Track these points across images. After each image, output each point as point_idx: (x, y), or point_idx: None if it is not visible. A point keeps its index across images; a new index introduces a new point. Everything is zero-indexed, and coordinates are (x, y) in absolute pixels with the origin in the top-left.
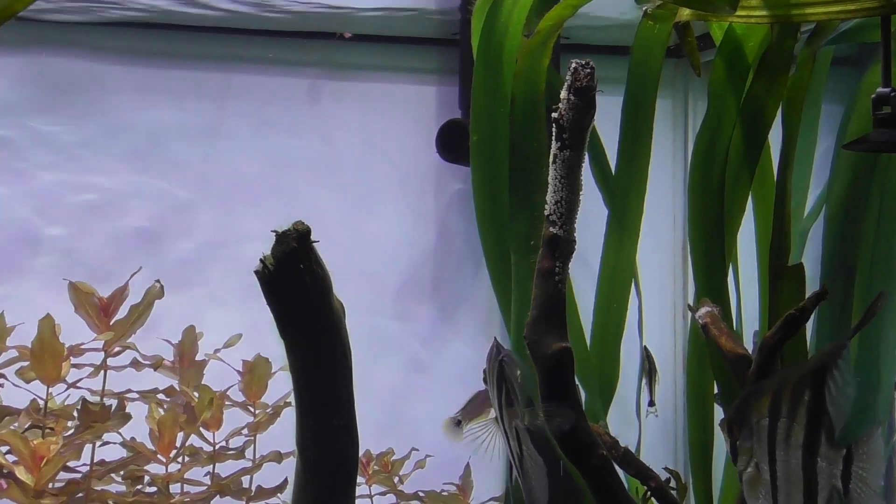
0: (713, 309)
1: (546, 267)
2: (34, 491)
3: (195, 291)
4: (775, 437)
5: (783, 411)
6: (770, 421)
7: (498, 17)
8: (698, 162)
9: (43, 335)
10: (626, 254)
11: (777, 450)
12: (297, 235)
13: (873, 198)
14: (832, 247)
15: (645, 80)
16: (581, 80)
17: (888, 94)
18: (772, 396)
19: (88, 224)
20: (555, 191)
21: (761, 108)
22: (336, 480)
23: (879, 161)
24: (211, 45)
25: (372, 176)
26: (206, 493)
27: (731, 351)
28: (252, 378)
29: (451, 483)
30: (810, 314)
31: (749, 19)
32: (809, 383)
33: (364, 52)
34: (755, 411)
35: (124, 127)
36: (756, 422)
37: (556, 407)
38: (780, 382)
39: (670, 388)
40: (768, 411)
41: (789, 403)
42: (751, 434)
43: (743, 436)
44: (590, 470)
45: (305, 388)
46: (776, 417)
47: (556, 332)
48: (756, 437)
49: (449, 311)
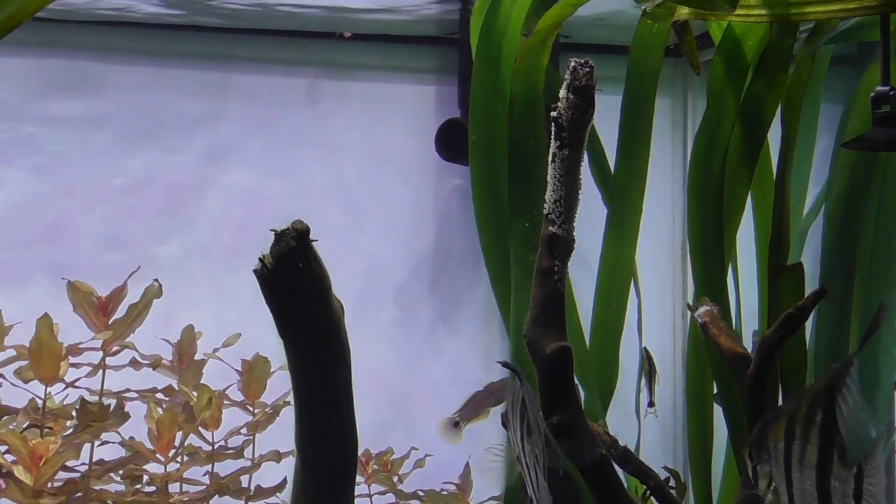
0: (712, 308)
1: (545, 266)
2: (33, 490)
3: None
4: (790, 459)
5: (797, 433)
6: (786, 444)
7: (497, 16)
8: (697, 161)
9: (41, 334)
10: (625, 253)
11: (792, 472)
12: (296, 234)
13: (872, 196)
14: (831, 245)
15: (644, 79)
16: (580, 78)
17: (887, 93)
18: (787, 419)
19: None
20: (554, 190)
21: (760, 107)
22: (335, 480)
23: (878, 160)
24: (210, 45)
25: (371, 175)
26: (204, 493)
27: (731, 350)
28: (251, 377)
29: (450, 482)
30: (809, 313)
31: (748, 18)
32: (821, 403)
33: (364, 51)
34: (772, 435)
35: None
36: (773, 445)
37: (555, 406)
38: (795, 405)
39: (669, 387)
40: (784, 434)
41: (803, 425)
42: (769, 458)
43: (762, 460)
44: (589, 469)
45: (304, 388)
46: (791, 440)
47: (555, 331)
48: (774, 460)
49: (448, 310)
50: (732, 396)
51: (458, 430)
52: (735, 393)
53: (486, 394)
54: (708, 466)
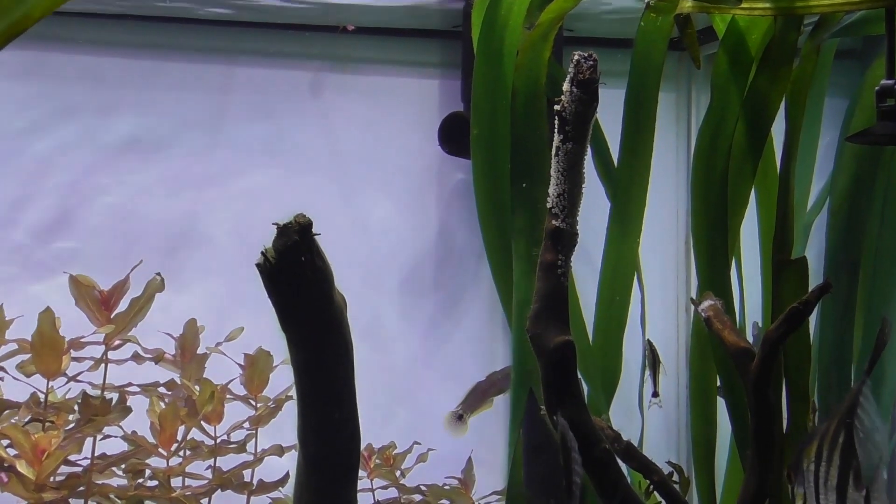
0: (716, 302)
1: (548, 260)
2: (35, 485)
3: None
4: (818, 480)
5: (824, 455)
6: (815, 465)
7: (498, 9)
8: (701, 155)
9: (43, 328)
10: (628, 247)
11: (819, 493)
12: (299, 228)
13: (877, 191)
14: (836, 240)
15: (647, 73)
16: (584, 72)
17: (892, 87)
18: (818, 441)
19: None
20: (557, 183)
21: (764, 101)
22: (337, 474)
23: (884, 154)
24: (213, 38)
25: (373, 169)
26: (207, 487)
27: (734, 344)
28: (253, 371)
29: (453, 477)
30: (813, 307)
31: (752, 11)
32: (843, 424)
33: (366, 44)
34: (806, 456)
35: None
36: (806, 466)
37: (558, 400)
38: (825, 426)
39: (673, 381)
40: (814, 456)
41: (829, 447)
42: (803, 479)
43: (797, 481)
44: (592, 463)
45: (307, 382)
46: (819, 461)
47: (558, 325)
48: (806, 482)
49: (450, 304)
50: (736, 391)
51: (463, 422)
52: (738, 388)
53: (489, 384)
54: (711, 461)
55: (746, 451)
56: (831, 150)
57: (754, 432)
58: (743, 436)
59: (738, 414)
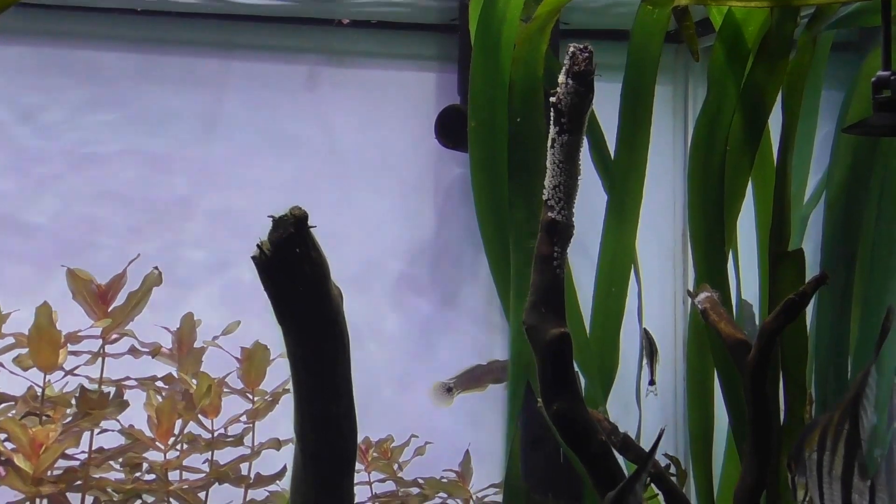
0: (713, 294)
1: (544, 252)
2: (33, 478)
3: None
4: (822, 470)
5: (828, 445)
6: (818, 455)
7: (496, 2)
8: (698, 147)
9: (40, 322)
10: (625, 240)
11: (822, 483)
12: (295, 221)
13: (874, 182)
14: (832, 232)
15: (644, 66)
16: (579, 63)
17: (888, 78)
18: (821, 430)
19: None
20: (553, 175)
21: (761, 94)
22: (335, 467)
23: (880, 145)
24: (208, 32)
25: (370, 162)
26: (204, 481)
27: (731, 336)
28: (250, 365)
29: (450, 470)
30: (810, 299)
31: (749, 3)
32: (849, 415)
33: (363, 38)
34: (808, 446)
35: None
36: (808, 456)
37: (555, 393)
38: (829, 416)
39: (670, 373)
40: (817, 445)
41: (833, 437)
42: (804, 469)
43: (798, 471)
44: (589, 456)
45: (304, 375)
46: (822, 451)
47: (554, 317)
48: (808, 472)
49: (448, 297)
50: (733, 383)
51: (450, 395)
52: (736, 379)
53: (486, 369)
54: (709, 453)
55: (743, 442)
56: (828, 142)
57: (751, 424)
58: (740, 427)
59: (735, 406)
